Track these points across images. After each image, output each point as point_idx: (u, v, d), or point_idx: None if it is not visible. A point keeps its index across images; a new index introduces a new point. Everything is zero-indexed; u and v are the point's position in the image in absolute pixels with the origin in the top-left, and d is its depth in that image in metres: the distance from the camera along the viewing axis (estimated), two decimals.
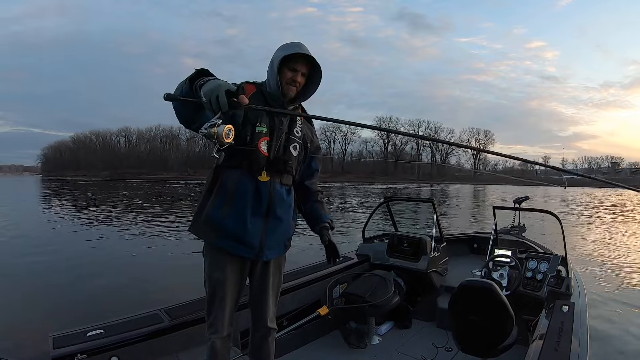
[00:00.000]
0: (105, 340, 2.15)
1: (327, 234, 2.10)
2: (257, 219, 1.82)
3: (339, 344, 3.17)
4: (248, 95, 1.76)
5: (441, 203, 24.42)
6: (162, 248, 9.10)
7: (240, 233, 1.80)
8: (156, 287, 5.84)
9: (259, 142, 1.79)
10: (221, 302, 1.85)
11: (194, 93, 1.46)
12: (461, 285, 2.45)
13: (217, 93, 1.33)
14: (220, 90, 1.34)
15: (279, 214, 1.88)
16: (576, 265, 3.55)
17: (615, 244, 10.58)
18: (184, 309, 2.55)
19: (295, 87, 1.86)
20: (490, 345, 2.36)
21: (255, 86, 1.88)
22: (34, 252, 8.41)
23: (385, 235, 4.21)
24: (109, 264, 7.53)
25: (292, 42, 1.85)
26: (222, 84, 1.37)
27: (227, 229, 1.79)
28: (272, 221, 1.87)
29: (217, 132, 1.31)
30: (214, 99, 1.33)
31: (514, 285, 3.20)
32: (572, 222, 15.16)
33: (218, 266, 1.85)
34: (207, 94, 1.35)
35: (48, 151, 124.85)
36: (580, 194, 40.47)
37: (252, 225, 1.81)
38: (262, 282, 1.98)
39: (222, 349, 1.87)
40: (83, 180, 70.43)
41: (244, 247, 1.83)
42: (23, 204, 23.42)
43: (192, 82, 1.48)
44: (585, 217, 17.47)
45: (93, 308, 4.88)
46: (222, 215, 1.78)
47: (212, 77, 1.46)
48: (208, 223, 1.81)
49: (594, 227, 14.38)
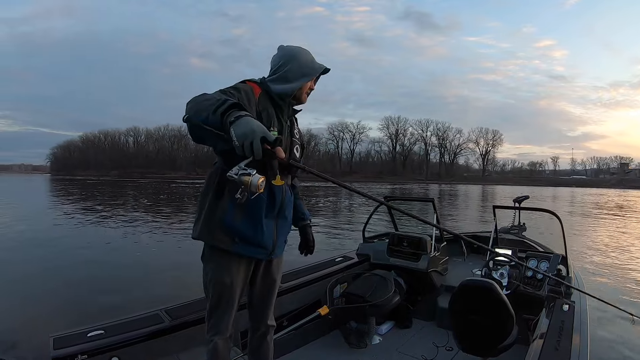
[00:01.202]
0: (105, 340, 2.14)
1: (310, 231, 2.25)
2: (269, 221, 1.82)
3: (339, 344, 3.16)
4: (256, 97, 1.76)
5: (449, 203, 24.36)
6: (161, 245, 9.24)
7: (257, 237, 1.77)
8: (157, 287, 5.86)
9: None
10: (227, 305, 1.82)
11: (223, 127, 1.31)
12: (461, 285, 2.45)
13: (252, 139, 1.22)
14: (256, 137, 1.23)
15: (286, 214, 1.91)
16: (578, 263, 3.53)
17: (618, 243, 10.52)
18: (184, 309, 2.54)
19: (308, 94, 1.92)
20: (490, 344, 2.36)
21: (259, 86, 1.84)
22: (36, 249, 8.56)
23: (385, 235, 4.20)
24: (110, 262, 7.56)
25: (302, 51, 1.87)
26: (256, 129, 1.24)
27: (243, 234, 1.74)
28: (281, 221, 1.88)
29: (251, 182, 1.26)
30: (247, 144, 1.22)
31: (514, 285, 3.18)
32: (577, 222, 15.15)
33: (226, 270, 1.80)
34: (241, 137, 1.23)
35: (57, 150, 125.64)
36: (590, 195, 40.22)
37: (267, 228, 1.80)
38: (267, 280, 1.98)
39: (224, 349, 1.86)
40: (91, 179, 70.90)
41: (260, 250, 1.82)
42: (31, 200, 23.83)
43: (222, 115, 1.32)
44: (591, 218, 17.36)
45: (94, 307, 4.90)
46: (236, 220, 1.72)
47: (243, 113, 1.31)
48: (221, 229, 1.73)
49: (598, 226, 14.29)
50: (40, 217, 14.89)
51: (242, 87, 1.73)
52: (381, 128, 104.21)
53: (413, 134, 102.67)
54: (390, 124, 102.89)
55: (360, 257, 3.91)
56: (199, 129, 1.37)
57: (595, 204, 27.27)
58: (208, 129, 1.34)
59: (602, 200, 30.71)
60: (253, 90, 1.77)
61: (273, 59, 1.88)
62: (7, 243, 9.41)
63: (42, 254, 8.16)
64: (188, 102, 1.46)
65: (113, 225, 12.85)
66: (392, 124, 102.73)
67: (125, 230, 11.79)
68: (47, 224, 12.80)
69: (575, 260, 3.82)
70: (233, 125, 1.27)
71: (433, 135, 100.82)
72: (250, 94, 1.73)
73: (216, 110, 1.32)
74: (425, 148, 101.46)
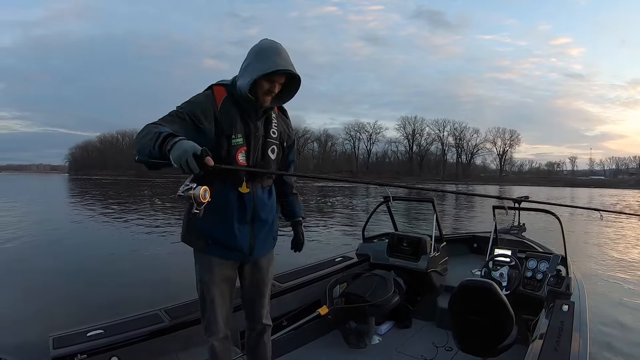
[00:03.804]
0: (105, 340, 2.14)
1: (301, 229, 2.24)
2: (243, 225, 1.83)
3: (338, 344, 3.14)
4: (219, 101, 1.75)
5: (464, 204, 24.15)
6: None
7: (230, 241, 1.81)
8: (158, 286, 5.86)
9: (236, 155, 1.76)
10: (212, 304, 1.85)
11: (164, 157, 1.43)
12: (461, 285, 2.43)
13: (185, 158, 1.34)
14: (188, 155, 1.34)
15: (263, 217, 1.90)
16: (578, 264, 3.50)
17: (621, 244, 10.45)
18: (184, 309, 2.53)
19: (271, 96, 1.79)
20: (490, 344, 2.34)
21: (225, 89, 1.80)
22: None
23: (385, 235, 4.17)
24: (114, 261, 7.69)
25: (269, 46, 1.73)
26: (188, 148, 1.35)
27: (215, 238, 1.81)
28: (257, 225, 1.89)
29: (194, 195, 1.38)
30: (184, 164, 1.34)
31: (513, 285, 3.14)
32: (584, 223, 15.01)
33: (206, 269, 1.85)
34: (177, 160, 1.35)
35: (75, 151, 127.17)
36: (607, 196, 39.47)
37: (240, 232, 1.82)
38: (254, 280, 1.98)
39: (222, 350, 1.87)
40: (107, 179, 71.89)
41: (235, 252, 1.84)
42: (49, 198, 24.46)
43: (160, 147, 1.43)
44: (604, 220, 17.08)
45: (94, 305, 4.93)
46: (209, 225, 1.78)
47: (176, 139, 1.41)
48: (195, 233, 1.82)
49: (608, 227, 14.07)
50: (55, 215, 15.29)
51: (198, 99, 1.75)
52: (398, 128, 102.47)
53: (430, 134, 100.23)
54: (407, 123, 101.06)
55: (359, 257, 3.88)
56: (149, 163, 1.48)
57: (611, 206, 26.70)
58: (157, 161, 1.46)
59: (619, 203, 30.02)
60: (216, 96, 1.77)
61: None
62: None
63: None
64: (135, 137, 1.57)
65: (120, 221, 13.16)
66: (408, 124, 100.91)
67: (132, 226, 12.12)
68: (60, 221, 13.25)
69: (576, 260, 3.79)
70: (170, 153, 1.38)
71: (450, 135, 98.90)
72: (208, 103, 1.73)
73: (154, 145, 1.43)
74: (442, 148, 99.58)
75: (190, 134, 1.59)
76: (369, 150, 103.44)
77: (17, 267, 7.17)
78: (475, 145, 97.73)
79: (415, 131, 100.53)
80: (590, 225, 14.53)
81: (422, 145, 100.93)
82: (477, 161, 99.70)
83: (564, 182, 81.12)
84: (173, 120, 1.64)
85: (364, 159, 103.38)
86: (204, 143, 1.47)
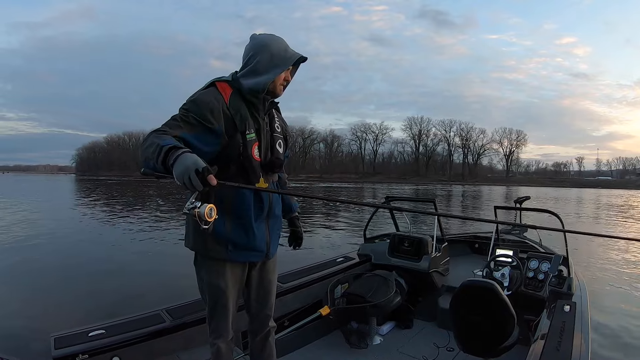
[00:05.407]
0: (106, 340, 2.12)
1: (299, 223, 2.20)
2: (260, 223, 1.78)
3: (340, 344, 3.12)
4: (227, 98, 1.69)
5: (471, 204, 24.08)
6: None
7: (250, 242, 1.75)
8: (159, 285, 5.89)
9: (252, 150, 1.71)
10: (224, 309, 1.79)
11: (167, 170, 1.39)
12: (463, 285, 2.41)
13: (188, 175, 1.29)
14: (190, 172, 1.29)
15: (277, 213, 1.88)
16: (579, 264, 3.48)
17: (624, 244, 10.28)
18: (185, 309, 2.51)
19: (284, 86, 1.80)
20: (491, 345, 2.32)
21: (229, 85, 1.74)
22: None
23: (386, 235, 4.15)
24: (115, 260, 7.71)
25: (275, 39, 1.74)
26: (189, 165, 1.30)
27: (235, 241, 1.72)
28: (271, 221, 1.85)
29: (199, 213, 1.34)
30: (187, 181, 1.29)
31: (515, 285, 3.13)
32: (588, 223, 14.92)
33: (219, 274, 1.76)
34: (179, 177, 1.31)
35: (82, 151, 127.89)
36: (615, 197, 39.18)
37: (258, 231, 1.77)
38: (264, 281, 1.94)
39: (227, 352, 1.84)
40: (113, 179, 72.31)
41: (255, 253, 1.80)
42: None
43: (163, 163, 1.39)
44: (612, 219, 16.98)
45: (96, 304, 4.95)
46: (227, 229, 1.70)
47: (178, 153, 1.37)
48: (214, 239, 1.71)
49: (612, 228, 14.01)
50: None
51: (204, 97, 1.66)
52: (404, 128, 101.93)
53: (436, 135, 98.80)
54: (413, 124, 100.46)
55: (361, 257, 3.86)
56: (156, 176, 1.45)
57: (619, 207, 26.54)
58: (163, 174, 1.42)
59: (625, 204, 29.76)
60: (222, 93, 1.70)
61: (244, 50, 1.76)
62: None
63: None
64: (140, 146, 1.54)
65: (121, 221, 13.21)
66: (415, 125, 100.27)
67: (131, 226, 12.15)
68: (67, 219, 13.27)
69: (578, 261, 3.77)
70: (172, 168, 1.34)
71: (456, 136, 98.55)
72: (215, 101, 1.65)
73: (157, 160, 1.39)
74: (448, 149, 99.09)
75: (201, 137, 1.58)
76: (375, 151, 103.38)
77: (20, 268, 7.18)
78: (481, 146, 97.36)
79: (421, 132, 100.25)
80: (594, 226, 14.47)
81: (428, 145, 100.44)
82: (483, 162, 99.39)
83: (570, 183, 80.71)
84: (178, 125, 1.57)
85: (370, 160, 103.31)
86: (216, 142, 1.48)
